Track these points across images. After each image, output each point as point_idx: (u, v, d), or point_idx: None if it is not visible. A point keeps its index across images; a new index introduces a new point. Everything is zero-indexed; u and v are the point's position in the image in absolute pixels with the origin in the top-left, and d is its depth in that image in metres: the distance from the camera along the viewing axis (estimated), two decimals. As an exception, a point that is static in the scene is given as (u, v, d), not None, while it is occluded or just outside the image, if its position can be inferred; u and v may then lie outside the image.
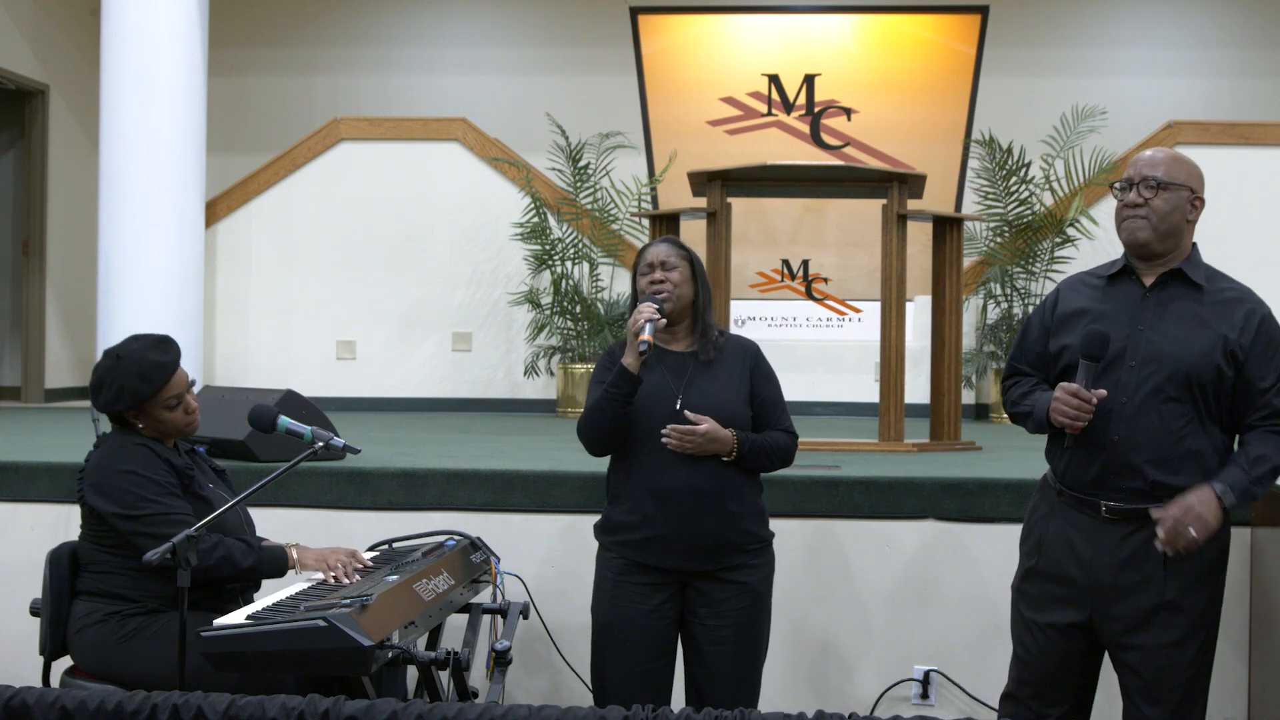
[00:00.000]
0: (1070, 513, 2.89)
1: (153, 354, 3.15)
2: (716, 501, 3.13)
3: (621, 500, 3.20)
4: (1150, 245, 2.85)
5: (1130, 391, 2.80)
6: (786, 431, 3.27)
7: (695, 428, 3.09)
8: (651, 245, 3.28)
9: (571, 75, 9.53)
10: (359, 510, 4.22)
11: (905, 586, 4.05)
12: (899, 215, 5.26)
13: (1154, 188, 2.84)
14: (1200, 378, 2.78)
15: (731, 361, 3.24)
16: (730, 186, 5.34)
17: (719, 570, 3.16)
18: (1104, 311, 2.88)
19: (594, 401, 3.15)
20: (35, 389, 9.04)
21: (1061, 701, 2.95)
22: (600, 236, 8.10)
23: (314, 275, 8.45)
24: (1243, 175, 8.00)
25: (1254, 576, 3.86)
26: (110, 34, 7.65)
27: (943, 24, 9.11)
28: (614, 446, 3.21)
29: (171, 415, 3.16)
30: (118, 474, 3.05)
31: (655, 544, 3.14)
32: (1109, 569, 2.83)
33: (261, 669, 2.71)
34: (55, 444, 5.27)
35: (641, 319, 3.08)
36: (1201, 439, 2.81)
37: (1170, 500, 2.78)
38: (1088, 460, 2.84)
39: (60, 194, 9.13)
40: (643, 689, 3.15)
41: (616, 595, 3.19)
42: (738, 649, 3.18)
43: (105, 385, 3.13)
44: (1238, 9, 9.39)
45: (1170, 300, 2.86)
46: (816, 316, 8.45)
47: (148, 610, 3.05)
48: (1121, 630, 2.84)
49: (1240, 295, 2.88)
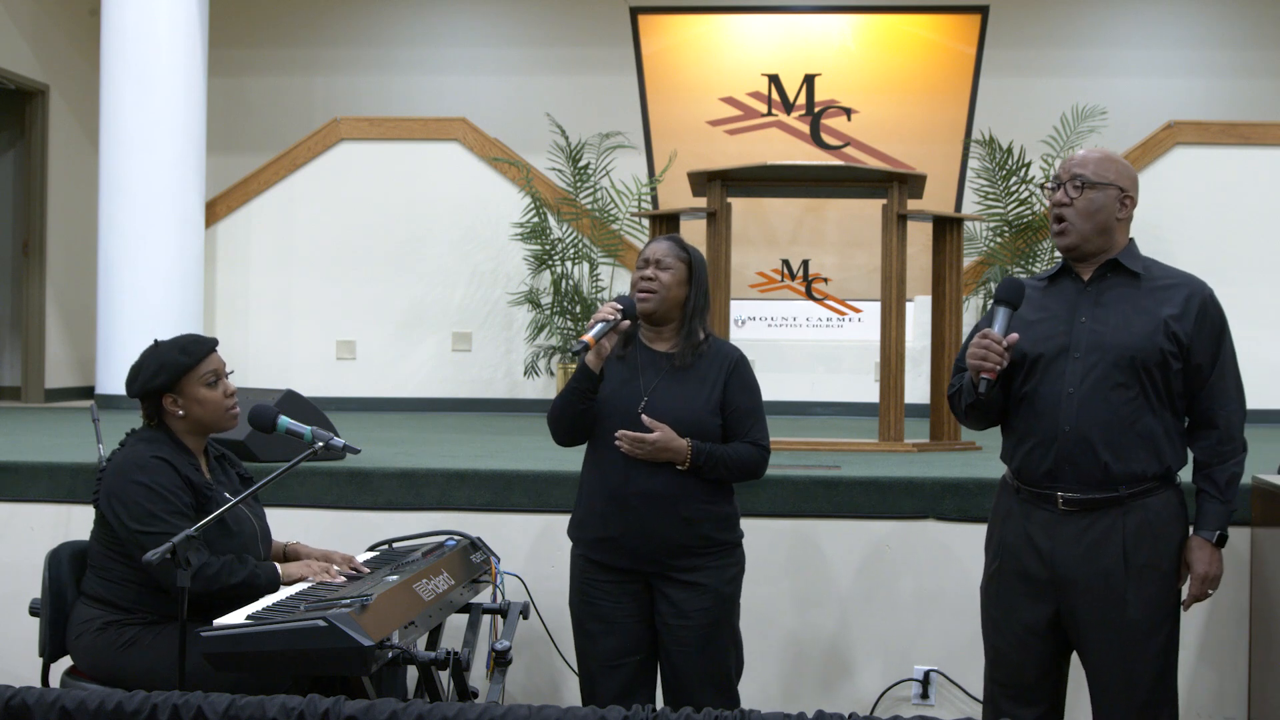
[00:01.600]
0: (1029, 508, 2.90)
1: (188, 337, 3.21)
2: (670, 507, 3.10)
3: (584, 499, 3.23)
4: (1079, 247, 2.88)
5: (1077, 382, 2.82)
6: (756, 445, 3.20)
7: (646, 435, 3.07)
8: (654, 241, 3.27)
9: (571, 75, 9.53)
10: (359, 510, 4.22)
11: (905, 587, 4.05)
12: (899, 215, 5.25)
13: (1080, 187, 2.86)
14: (1145, 362, 2.79)
15: (708, 368, 3.20)
16: (730, 186, 5.33)
17: (674, 572, 3.14)
18: (1041, 318, 2.90)
19: (559, 395, 3.18)
20: (35, 389, 9.04)
21: (1038, 701, 2.95)
22: (600, 236, 8.10)
23: (314, 275, 8.46)
24: (1243, 175, 8.01)
25: (1254, 576, 3.86)
26: (110, 34, 7.66)
27: (943, 24, 9.11)
28: (578, 439, 3.22)
29: (211, 394, 3.14)
30: (132, 485, 3.03)
31: (609, 544, 3.15)
32: (1071, 562, 2.83)
33: (261, 669, 2.71)
34: (55, 444, 5.26)
35: (597, 316, 3.08)
36: (1153, 422, 2.82)
37: (1132, 496, 2.81)
38: (1042, 453, 2.85)
39: (60, 194, 9.13)
40: (620, 682, 3.17)
41: (584, 592, 3.21)
42: (702, 650, 3.15)
43: (145, 365, 3.14)
44: (1238, 9, 9.39)
45: (1108, 289, 2.88)
46: (816, 316, 8.45)
47: (146, 621, 3.05)
48: (1086, 625, 2.84)
49: (1179, 280, 2.90)
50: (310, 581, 3.11)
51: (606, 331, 3.05)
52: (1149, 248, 3.05)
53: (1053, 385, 2.83)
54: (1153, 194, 7.98)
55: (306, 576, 3.13)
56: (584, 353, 3.03)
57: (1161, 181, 8.02)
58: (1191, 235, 7.89)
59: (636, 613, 3.18)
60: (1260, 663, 3.81)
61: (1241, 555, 3.88)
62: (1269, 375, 7.54)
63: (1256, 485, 3.85)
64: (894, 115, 9.03)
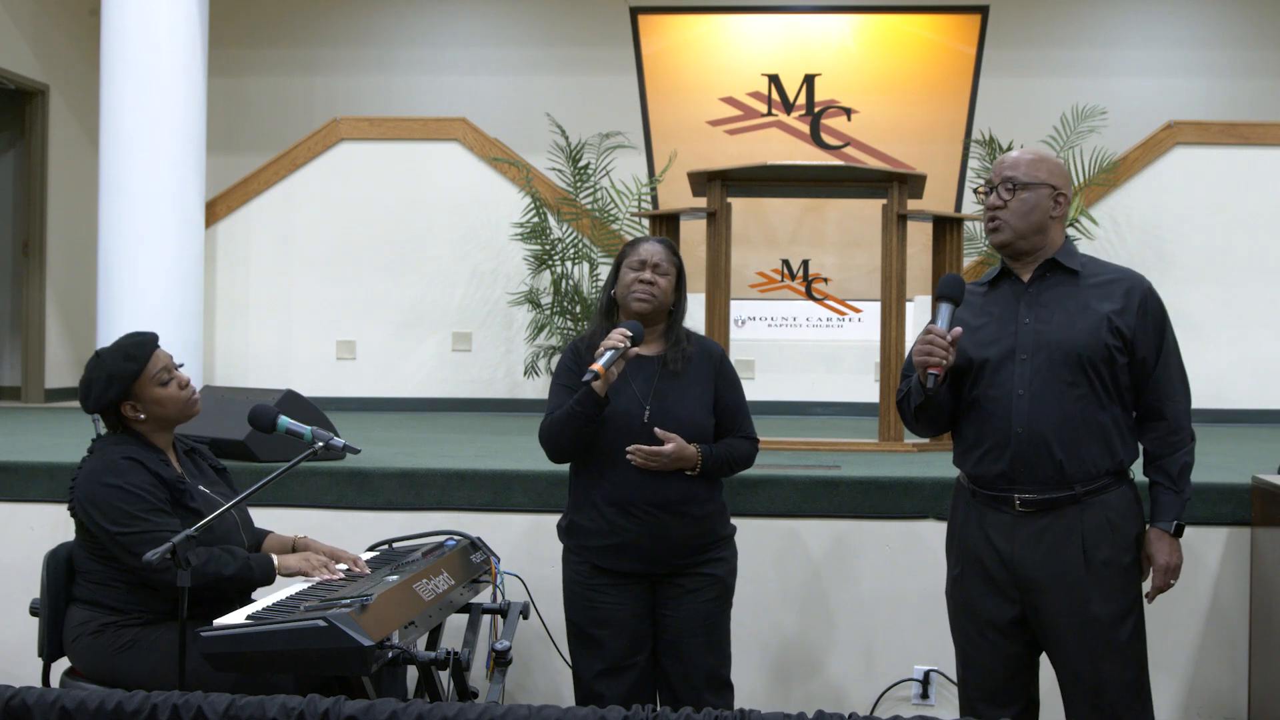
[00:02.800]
0: (986, 511, 2.91)
1: (128, 339, 3.18)
2: (681, 510, 3.15)
3: (586, 507, 3.21)
4: (1013, 244, 2.90)
5: (1026, 383, 2.83)
6: (748, 438, 3.31)
7: (661, 449, 3.11)
8: (646, 241, 3.27)
9: (571, 75, 9.52)
10: (359, 510, 4.22)
11: (905, 586, 4.05)
12: (899, 215, 5.26)
13: (1012, 189, 2.88)
14: (1092, 358, 2.81)
15: (698, 369, 3.24)
16: (730, 186, 5.33)
17: (686, 568, 3.20)
18: (984, 322, 2.92)
19: (559, 416, 3.14)
20: (35, 389, 9.04)
21: (1012, 702, 2.96)
22: (600, 236, 8.10)
23: (314, 275, 8.45)
24: (1243, 175, 8.01)
25: (1254, 576, 3.86)
26: (110, 34, 7.65)
27: (943, 24, 9.11)
28: (576, 457, 3.23)
29: (167, 392, 3.14)
30: (104, 488, 3.02)
31: (622, 550, 3.16)
32: (1031, 563, 2.84)
33: (261, 669, 2.70)
34: (55, 444, 5.27)
35: (607, 345, 3.06)
36: (1104, 418, 2.83)
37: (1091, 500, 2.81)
38: (996, 456, 2.86)
39: (60, 194, 9.13)
40: (622, 685, 3.17)
41: (588, 597, 3.21)
42: (707, 639, 3.21)
43: (94, 380, 3.12)
44: (1238, 9, 9.39)
45: (1048, 289, 2.90)
46: (816, 316, 8.45)
47: (142, 622, 3.04)
48: (1051, 623, 2.85)
49: (1119, 275, 2.92)
50: (308, 579, 3.11)
51: (616, 359, 3.05)
52: (1149, 248, 3.06)
53: (1002, 388, 2.85)
54: (1153, 194, 8.05)
55: (305, 571, 3.12)
56: (594, 381, 3.03)
57: (1161, 181, 8.02)
58: (1191, 235, 7.89)
59: (640, 611, 3.19)
60: (1260, 663, 3.81)
61: (1241, 555, 3.89)
62: (1269, 375, 7.55)
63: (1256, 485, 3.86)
64: (894, 115, 9.02)
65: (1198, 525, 3.89)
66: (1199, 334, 7.60)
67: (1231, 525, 3.91)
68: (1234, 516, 3.91)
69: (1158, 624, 3.84)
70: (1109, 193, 7.98)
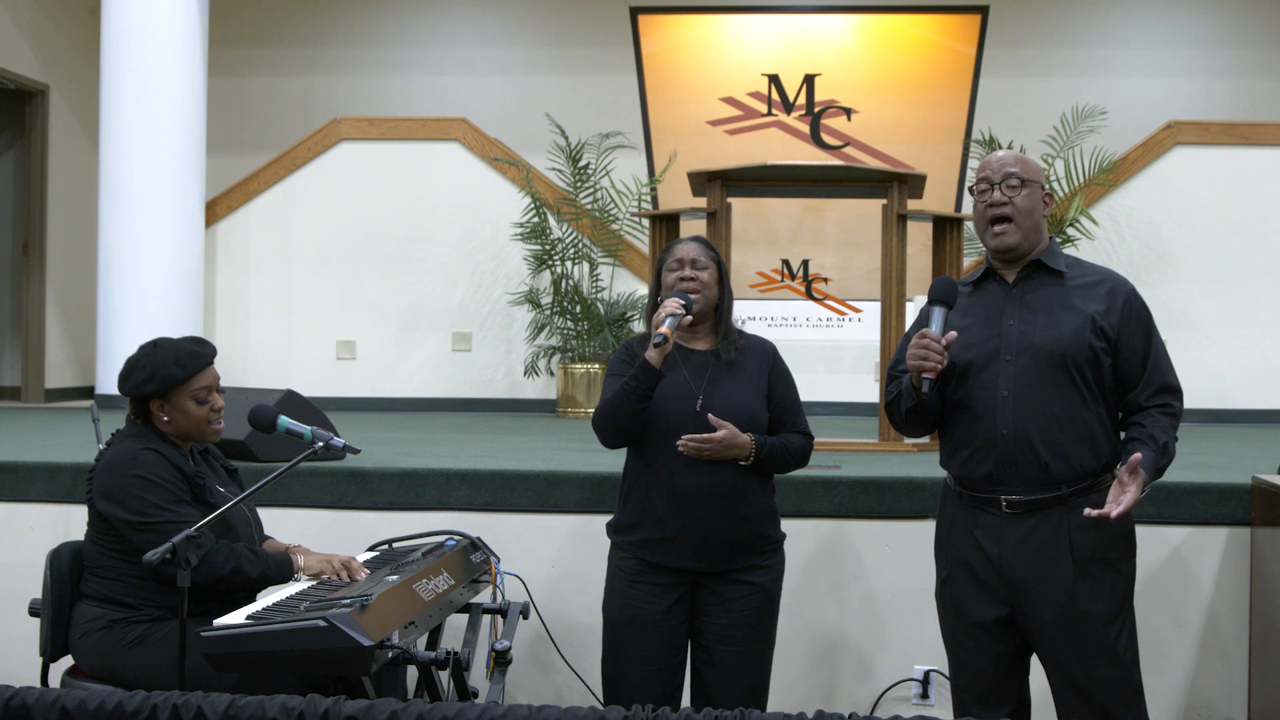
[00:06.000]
0: (973, 513, 2.90)
1: (190, 344, 3.19)
2: (732, 504, 3.12)
3: (636, 499, 3.19)
4: (1020, 246, 2.90)
5: (1011, 384, 2.83)
6: (803, 434, 3.28)
7: (712, 435, 3.07)
8: (682, 242, 3.28)
9: (571, 75, 9.53)
10: (359, 510, 4.22)
11: (905, 587, 4.04)
12: (899, 215, 5.26)
13: (1015, 186, 2.88)
14: (1076, 359, 2.81)
15: (751, 362, 3.24)
16: (730, 186, 5.33)
17: (731, 571, 3.17)
18: (969, 323, 2.91)
19: (613, 394, 3.13)
20: (35, 389, 9.04)
21: (1003, 703, 2.95)
22: (600, 236, 8.11)
23: (314, 275, 8.46)
24: (1243, 175, 8.01)
25: (1254, 576, 3.86)
26: (110, 34, 7.66)
27: (943, 24, 9.11)
28: (630, 440, 3.19)
29: (198, 410, 3.15)
30: (128, 479, 3.03)
31: (669, 544, 3.14)
32: (1019, 564, 2.83)
33: (261, 669, 2.70)
34: (55, 444, 5.26)
35: (664, 312, 3.07)
36: (1088, 417, 2.82)
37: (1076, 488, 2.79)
38: (982, 457, 2.86)
39: (60, 194, 9.13)
40: (654, 688, 3.15)
41: (629, 595, 3.18)
42: (747, 649, 3.18)
43: (138, 368, 3.13)
44: (1238, 9, 9.39)
45: (1033, 290, 2.90)
46: (816, 316, 8.46)
47: (152, 618, 3.05)
48: (1040, 623, 2.84)
49: (1102, 276, 2.92)
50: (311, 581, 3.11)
51: (675, 326, 3.06)
52: (1149, 248, 3.06)
53: (987, 389, 2.85)
54: (1153, 194, 8.05)
55: (325, 572, 3.13)
56: (664, 344, 3.02)
57: (1161, 181, 8.03)
58: (1191, 235, 7.89)
59: (680, 615, 3.18)
60: (1260, 663, 3.81)
61: (1241, 556, 3.89)
62: (1269, 375, 7.55)
63: (1256, 485, 3.86)
64: (894, 115, 9.03)
65: (1198, 525, 3.89)
66: (1199, 334, 7.60)
67: (1231, 525, 3.91)
68: (1234, 517, 3.91)
69: (1157, 624, 3.84)
70: (1109, 193, 7.98)
